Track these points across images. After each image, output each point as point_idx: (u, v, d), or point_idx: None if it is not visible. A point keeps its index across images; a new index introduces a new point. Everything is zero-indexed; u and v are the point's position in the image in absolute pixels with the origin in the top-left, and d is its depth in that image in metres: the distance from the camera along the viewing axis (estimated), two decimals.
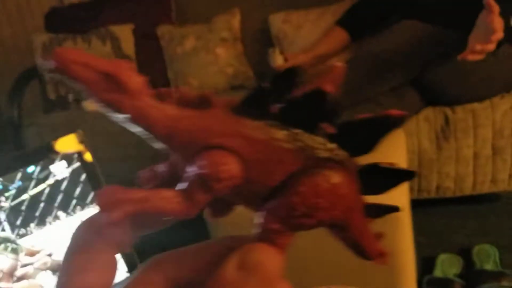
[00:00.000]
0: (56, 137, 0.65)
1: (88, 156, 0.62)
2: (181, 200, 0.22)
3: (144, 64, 2.43)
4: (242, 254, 0.23)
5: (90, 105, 2.06)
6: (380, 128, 0.24)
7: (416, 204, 1.60)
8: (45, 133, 2.17)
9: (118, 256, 0.24)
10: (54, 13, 2.65)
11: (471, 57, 1.27)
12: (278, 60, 1.99)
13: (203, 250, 0.26)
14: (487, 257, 1.52)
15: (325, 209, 0.23)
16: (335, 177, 0.23)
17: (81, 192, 0.63)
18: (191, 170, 0.23)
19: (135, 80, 0.23)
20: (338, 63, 0.24)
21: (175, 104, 0.23)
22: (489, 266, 1.49)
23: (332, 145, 0.24)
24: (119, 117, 0.23)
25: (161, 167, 0.26)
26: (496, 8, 1.22)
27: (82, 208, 0.66)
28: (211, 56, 2.33)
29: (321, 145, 0.24)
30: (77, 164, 0.63)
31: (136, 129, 0.23)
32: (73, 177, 0.63)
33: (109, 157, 1.92)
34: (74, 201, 0.63)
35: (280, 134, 0.23)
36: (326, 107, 0.23)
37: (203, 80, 2.34)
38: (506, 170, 1.63)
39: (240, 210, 0.26)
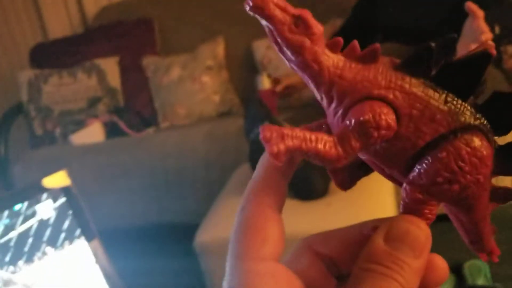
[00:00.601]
0: (44, 175, 0.65)
1: (74, 191, 0.62)
2: (335, 144, 0.23)
3: (131, 95, 2.44)
4: (389, 225, 0.23)
5: (78, 138, 2.06)
6: None
7: None
8: (33, 169, 2.16)
9: None
10: (39, 49, 2.66)
11: None
12: (266, 84, 2.03)
13: (350, 229, 0.26)
14: (478, 272, 1.52)
15: (469, 172, 0.23)
16: (480, 144, 0.23)
17: (68, 226, 0.63)
18: (349, 117, 0.24)
19: (319, 26, 0.24)
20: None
21: (343, 56, 0.25)
22: (480, 281, 1.49)
23: (480, 116, 0.24)
24: (291, 58, 0.24)
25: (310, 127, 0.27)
26: (480, 13, 1.25)
27: (71, 242, 0.66)
28: (197, 84, 2.35)
29: (471, 113, 0.24)
30: (63, 199, 0.63)
31: (300, 73, 0.25)
32: (60, 212, 0.63)
33: (97, 190, 1.91)
34: (62, 236, 0.63)
35: (436, 94, 0.24)
36: (480, 75, 0.23)
37: (190, 108, 2.35)
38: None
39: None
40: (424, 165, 0.24)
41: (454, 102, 0.24)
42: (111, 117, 2.14)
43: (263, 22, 0.24)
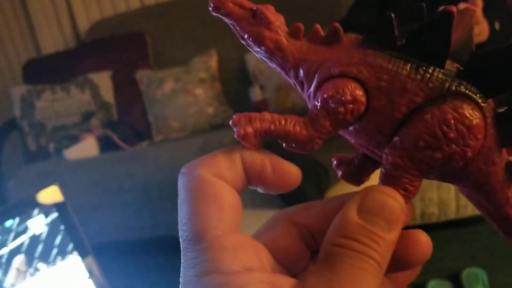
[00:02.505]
0: (37, 190, 0.65)
1: (66, 207, 0.62)
2: (305, 125, 0.23)
3: (124, 109, 2.44)
4: (363, 196, 0.21)
5: (71, 153, 2.05)
6: None
7: None
8: (26, 185, 2.15)
9: None
10: (31, 64, 2.66)
11: None
12: (258, 95, 2.04)
13: (332, 200, 0.25)
14: (476, 280, 1.52)
15: (453, 141, 0.22)
16: (466, 109, 0.22)
17: (61, 242, 0.63)
18: (316, 97, 0.24)
19: (277, 17, 0.25)
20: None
21: (306, 40, 0.25)
22: None
23: (463, 81, 0.22)
24: (257, 50, 0.26)
25: None
26: (479, 1, 1.23)
27: (63, 258, 0.65)
28: (191, 97, 2.36)
29: (449, 78, 0.22)
30: (55, 215, 0.62)
31: (270, 64, 0.26)
32: (52, 228, 0.63)
33: (91, 204, 1.91)
34: (54, 251, 0.62)
35: (404, 64, 0.23)
36: (447, 37, 0.22)
37: (184, 121, 2.35)
38: None
39: None
40: (406, 129, 0.23)
41: (429, 70, 0.23)
42: (105, 131, 2.13)
43: (226, 20, 0.26)
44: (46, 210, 0.62)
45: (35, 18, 3.06)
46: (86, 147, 2.06)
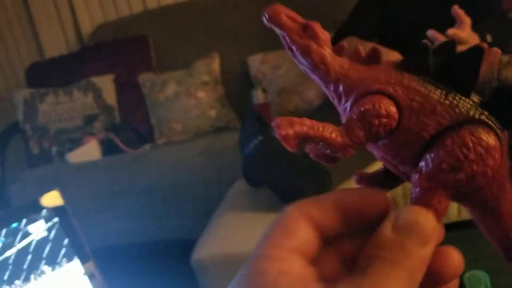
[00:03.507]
0: (39, 194, 0.65)
1: (67, 211, 0.62)
2: (341, 133, 0.26)
3: (127, 112, 2.45)
4: (397, 216, 0.23)
5: (74, 157, 2.06)
6: None
7: None
8: (30, 188, 2.16)
9: None
10: (35, 68, 2.67)
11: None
12: (260, 98, 2.05)
13: (345, 197, 0.25)
14: (478, 283, 1.52)
15: (474, 161, 0.24)
16: (486, 135, 0.24)
17: (61, 247, 0.63)
18: (353, 110, 0.26)
19: (324, 33, 0.28)
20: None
21: (348, 58, 0.28)
22: None
23: (486, 112, 0.25)
24: (302, 61, 0.28)
25: None
26: (467, 20, 1.23)
27: (64, 262, 0.66)
28: (193, 100, 2.36)
29: (475, 107, 0.25)
30: (56, 219, 0.62)
31: (311, 76, 0.29)
32: (53, 232, 0.63)
33: (94, 208, 1.91)
34: (55, 256, 0.63)
35: (435, 89, 0.25)
36: (476, 73, 0.25)
37: (187, 124, 2.36)
38: None
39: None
40: (431, 154, 0.25)
41: (456, 97, 0.25)
42: (107, 134, 2.14)
43: (277, 31, 0.28)
44: (46, 214, 0.62)
45: (38, 22, 3.08)
46: (89, 151, 2.07)
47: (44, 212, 0.63)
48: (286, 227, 0.24)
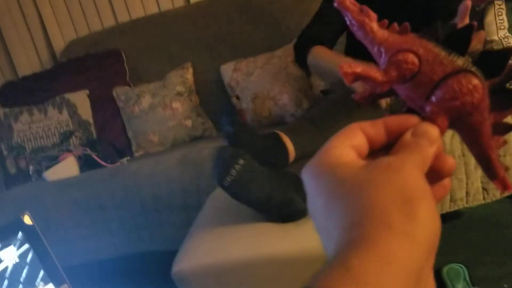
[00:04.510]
0: (14, 216, 0.66)
1: (38, 235, 0.63)
2: (381, 73, 0.39)
3: (103, 126, 2.45)
4: (415, 126, 0.36)
5: (51, 174, 2.05)
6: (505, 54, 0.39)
7: None
8: (8, 209, 2.14)
9: None
10: (8, 88, 2.66)
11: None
12: (237, 105, 2.07)
13: (389, 121, 0.37)
14: (457, 275, 1.54)
15: (466, 94, 0.38)
16: (473, 79, 0.38)
17: (33, 271, 0.64)
18: (390, 60, 0.40)
19: (373, 14, 0.42)
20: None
21: (387, 30, 0.42)
22: (460, 286, 1.51)
23: (473, 66, 0.38)
24: (358, 32, 0.42)
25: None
26: (466, 20, 1.24)
27: (45, 284, 0.66)
28: (168, 111, 2.37)
29: (468, 63, 0.38)
30: (26, 246, 0.63)
31: (363, 40, 0.42)
32: (25, 257, 0.63)
33: (74, 224, 1.90)
34: (27, 281, 0.63)
35: (442, 50, 0.39)
36: (468, 40, 0.39)
37: (163, 135, 2.37)
38: (463, 189, 1.68)
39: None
40: (439, 90, 0.38)
41: (456, 56, 0.38)
42: (84, 150, 2.14)
43: (343, 12, 0.42)
44: (18, 240, 0.63)
45: (9, 41, 3.06)
46: (66, 167, 2.06)
47: (16, 237, 0.63)
48: (347, 133, 0.35)
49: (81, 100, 2.45)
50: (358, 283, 0.26)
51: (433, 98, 0.39)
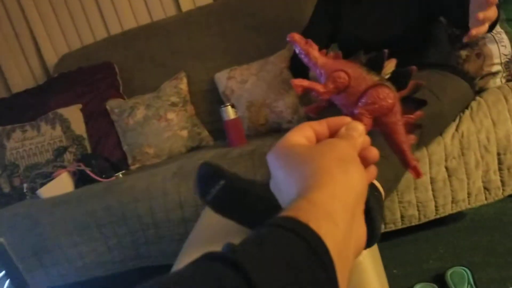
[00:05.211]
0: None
1: (13, 263, 0.60)
2: (323, 87, 0.54)
3: (97, 141, 2.41)
4: (347, 124, 0.49)
5: (46, 192, 2.02)
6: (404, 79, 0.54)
7: (384, 238, 1.60)
8: (4, 228, 2.10)
9: None
10: (0, 105, 2.63)
11: (476, 32, 1.14)
12: (231, 114, 2.04)
13: (332, 121, 0.49)
14: (462, 279, 1.51)
15: (382, 99, 0.52)
16: (386, 89, 0.52)
17: None
18: (328, 78, 0.55)
19: (315, 45, 0.58)
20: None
21: (326, 56, 0.57)
22: None
23: (388, 80, 0.54)
24: (305, 59, 0.58)
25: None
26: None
27: None
28: (163, 122, 2.34)
29: (382, 78, 0.53)
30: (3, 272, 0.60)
31: (308, 64, 0.59)
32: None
33: (71, 242, 1.87)
34: None
35: (365, 69, 0.54)
36: (382, 63, 0.54)
37: (159, 147, 2.33)
38: (464, 189, 1.65)
39: None
40: (363, 98, 0.53)
41: (374, 73, 0.53)
42: (78, 165, 2.10)
43: (293, 44, 0.58)
44: None
45: (1, 57, 3.04)
46: (60, 184, 2.03)
47: None
48: (300, 128, 0.47)
49: (74, 114, 2.41)
50: (317, 207, 0.37)
51: (360, 104, 0.53)
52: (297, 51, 0.58)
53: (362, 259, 1.03)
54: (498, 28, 1.88)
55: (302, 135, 0.46)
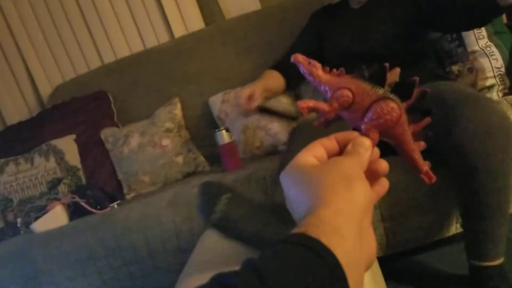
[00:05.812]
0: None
1: None
2: (327, 105, 0.54)
3: (92, 171, 2.37)
4: (354, 139, 0.51)
5: (40, 226, 1.97)
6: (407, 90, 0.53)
7: (389, 259, 1.55)
8: (1, 265, 2.05)
9: None
10: None
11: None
12: (225, 138, 2.01)
13: (340, 137, 0.52)
14: None
15: (386, 114, 0.52)
16: (391, 103, 0.52)
17: None
18: (333, 96, 0.55)
19: (319, 64, 0.57)
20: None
21: (329, 74, 0.57)
22: None
23: (392, 94, 0.53)
24: (309, 78, 0.58)
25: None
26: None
27: None
28: (158, 149, 2.30)
29: (387, 92, 0.52)
30: None
31: (312, 83, 0.59)
32: None
33: (65, 277, 1.82)
34: None
35: (368, 85, 0.53)
36: (385, 76, 0.53)
37: (155, 174, 2.29)
38: None
39: None
40: (368, 113, 0.52)
41: (378, 88, 0.53)
42: (72, 197, 2.06)
43: (297, 65, 0.58)
44: None
45: None
46: (54, 217, 1.98)
47: None
48: (310, 147, 0.50)
49: (68, 145, 2.38)
50: (324, 222, 0.40)
51: (365, 119, 0.53)
52: (301, 72, 0.58)
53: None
54: (487, 41, 1.86)
55: (311, 154, 0.49)
